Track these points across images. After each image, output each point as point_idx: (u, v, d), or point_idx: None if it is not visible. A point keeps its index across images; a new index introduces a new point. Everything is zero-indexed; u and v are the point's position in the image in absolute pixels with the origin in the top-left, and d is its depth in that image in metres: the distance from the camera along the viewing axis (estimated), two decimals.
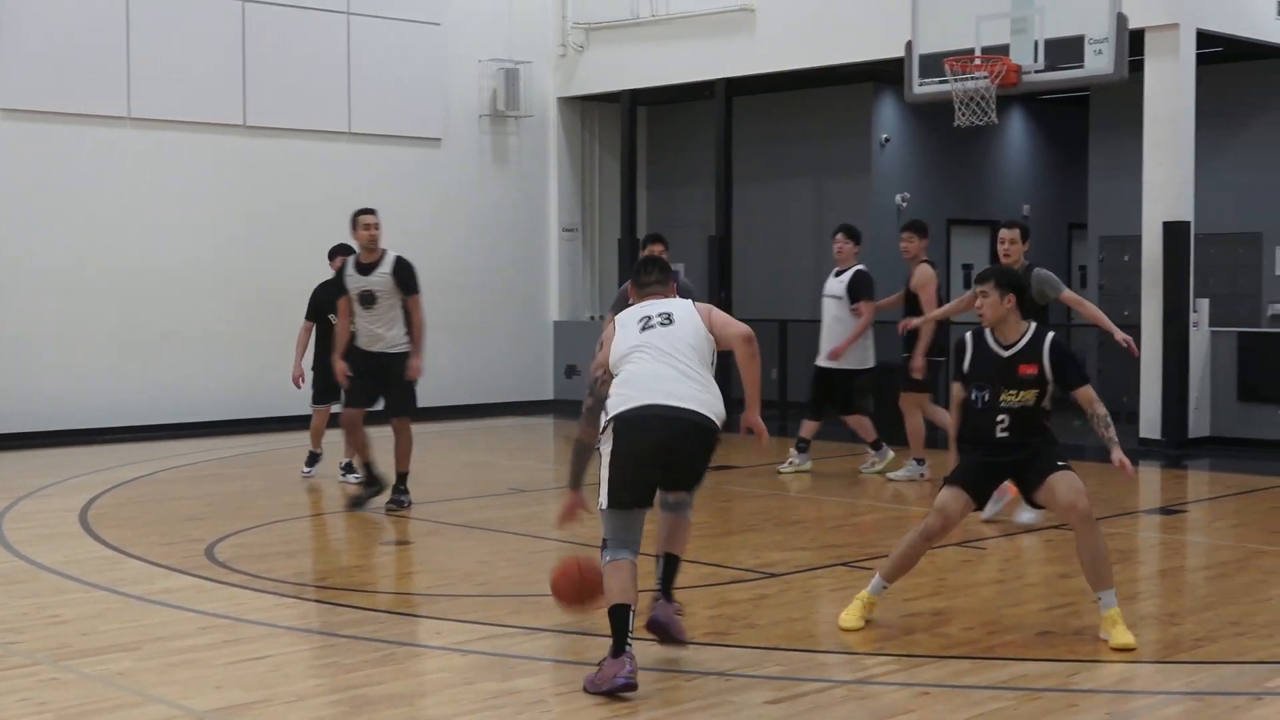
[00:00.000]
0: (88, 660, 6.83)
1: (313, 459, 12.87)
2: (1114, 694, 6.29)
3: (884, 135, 18.80)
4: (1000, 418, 7.18)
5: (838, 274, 13.05)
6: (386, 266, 11.01)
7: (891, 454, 13.01)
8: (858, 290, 12.79)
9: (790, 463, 13.21)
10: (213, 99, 16.72)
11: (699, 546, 9.74)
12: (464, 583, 8.76)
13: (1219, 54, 15.59)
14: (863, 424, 13.03)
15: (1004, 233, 10.87)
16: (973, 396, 7.29)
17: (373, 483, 10.97)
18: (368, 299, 10.96)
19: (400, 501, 10.99)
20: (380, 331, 10.99)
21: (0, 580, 8.72)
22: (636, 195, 19.75)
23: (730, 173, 18.36)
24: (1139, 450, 14.74)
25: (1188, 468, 13.97)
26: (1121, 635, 6.91)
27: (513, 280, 19.49)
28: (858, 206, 18.85)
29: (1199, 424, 14.95)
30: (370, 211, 11.25)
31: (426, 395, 12.01)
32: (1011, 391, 7.17)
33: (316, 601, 8.00)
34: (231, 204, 16.86)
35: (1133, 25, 13.73)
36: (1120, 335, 11.04)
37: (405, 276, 11.03)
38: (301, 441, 13.36)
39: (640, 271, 7.08)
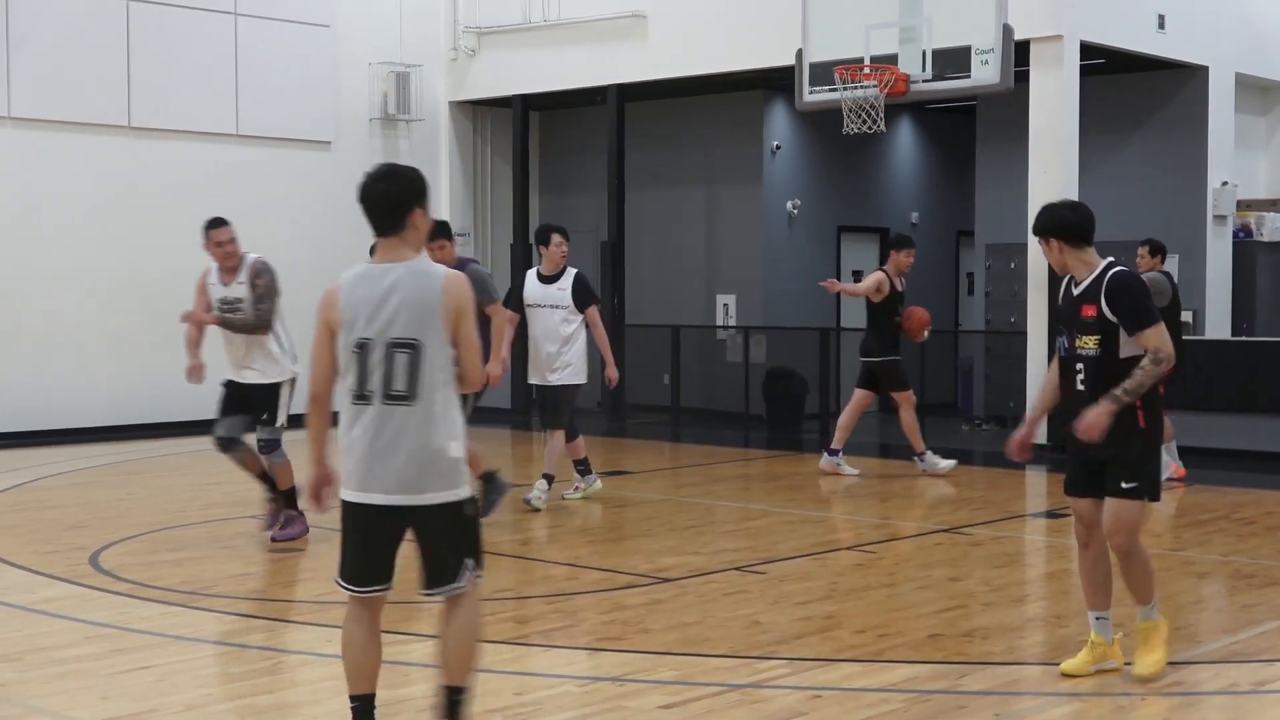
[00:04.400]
0: None
1: None
2: (1002, 695, 6.38)
3: (775, 143, 18.91)
4: (1078, 366, 6.52)
5: (548, 279, 11.47)
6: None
7: (599, 482, 12.12)
8: (586, 296, 11.48)
9: (576, 488, 11.95)
10: (96, 99, 16.41)
11: (591, 551, 9.75)
12: None
13: (1102, 65, 15.87)
14: (578, 444, 11.83)
15: None
16: (1058, 344, 6.68)
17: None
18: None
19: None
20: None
21: None
22: (529, 200, 19.70)
23: (622, 178, 18.38)
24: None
25: None
26: (1143, 662, 6.55)
27: None
28: (749, 213, 18.96)
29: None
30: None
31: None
32: (1082, 337, 6.49)
33: (204, 610, 7.89)
34: (114, 206, 16.57)
35: (1018, 36, 13.93)
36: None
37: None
38: (183, 447, 13.18)
39: None
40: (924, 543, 10.06)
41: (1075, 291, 6.54)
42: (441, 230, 9.89)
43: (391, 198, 5.91)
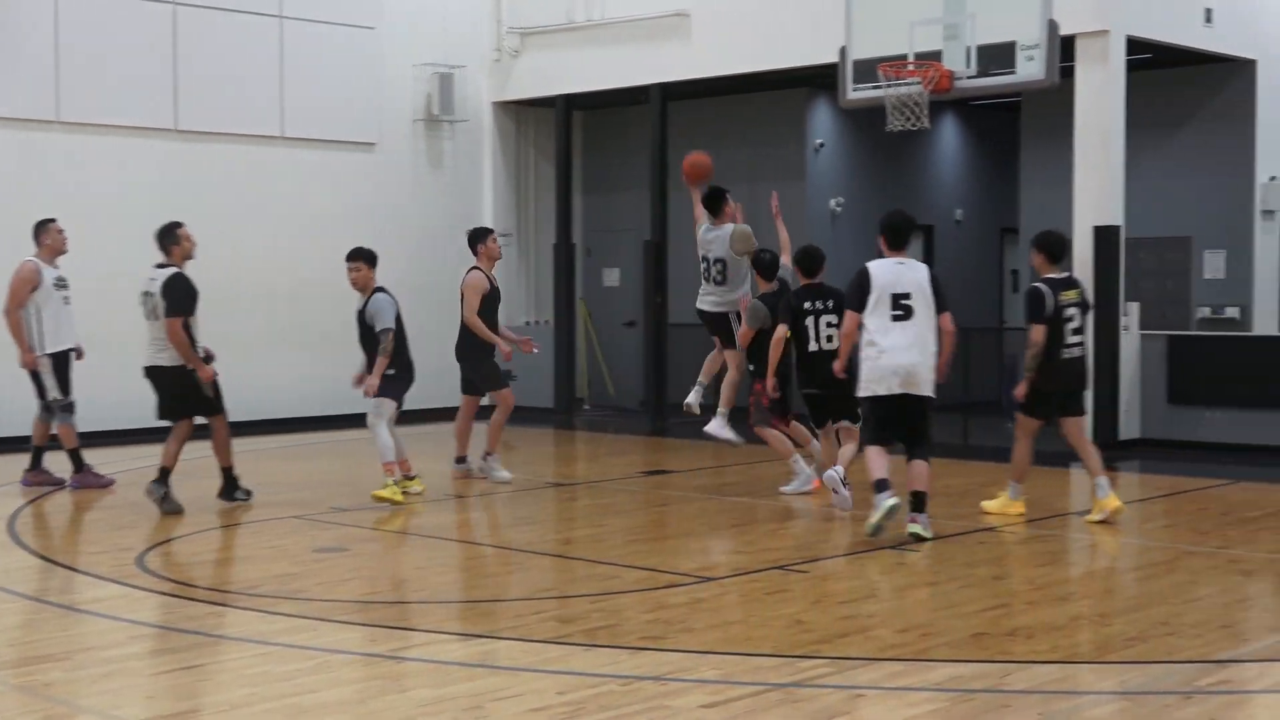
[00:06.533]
0: (16, 671, 6.74)
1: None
2: (1046, 694, 6.34)
3: (818, 140, 18.87)
4: None
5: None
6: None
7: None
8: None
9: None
10: (143, 102, 16.57)
11: (634, 550, 9.76)
12: (400, 589, 8.71)
13: (1148, 60, 15.76)
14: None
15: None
16: None
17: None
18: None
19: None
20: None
21: None
22: (572, 200, 19.72)
23: (666, 177, 18.38)
24: (1070, 452, 14.84)
25: (1119, 470, 14.09)
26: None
27: (448, 285, 19.31)
28: (792, 211, 18.83)
29: (1129, 426, 15.11)
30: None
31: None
32: None
33: (248, 610, 7.93)
34: (162, 208, 16.61)
35: (1064, 32, 13.85)
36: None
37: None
38: (209, 451, 13.26)
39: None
40: (967, 541, 10.00)
41: None
42: (360, 254, 11.82)
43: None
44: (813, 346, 11.24)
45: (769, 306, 11.70)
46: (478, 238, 13.36)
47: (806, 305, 11.30)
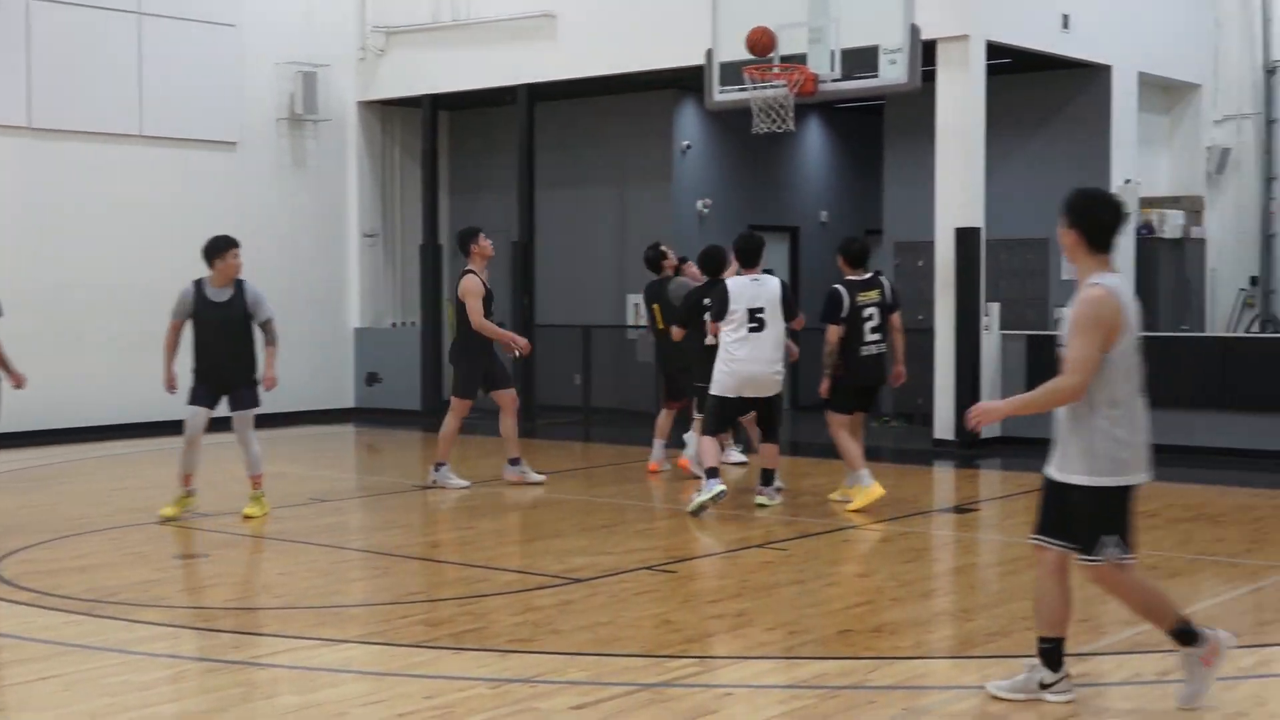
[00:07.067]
0: None
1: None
2: (910, 690, 6.42)
3: (685, 142, 18.95)
4: None
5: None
6: None
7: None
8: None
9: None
10: None
11: (502, 553, 9.72)
12: (263, 595, 8.59)
13: (1008, 64, 16.05)
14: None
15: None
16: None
17: None
18: None
19: None
20: None
21: None
22: (438, 200, 19.61)
23: (533, 178, 18.35)
24: (933, 451, 15.08)
25: (980, 467, 14.36)
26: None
27: (312, 286, 19.18)
28: (659, 213, 18.97)
29: (990, 425, 15.32)
30: None
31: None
32: None
33: (109, 618, 7.76)
34: (15, 208, 16.29)
35: (925, 36, 14.04)
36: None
37: None
38: (87, 453, 12.97)
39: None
40: (833, 539, 10.11)
41: None
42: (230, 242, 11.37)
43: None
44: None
45: (647, 296, 13.60)
46: (469, 237, 12.58)
47: (706, 301, 11.81)
